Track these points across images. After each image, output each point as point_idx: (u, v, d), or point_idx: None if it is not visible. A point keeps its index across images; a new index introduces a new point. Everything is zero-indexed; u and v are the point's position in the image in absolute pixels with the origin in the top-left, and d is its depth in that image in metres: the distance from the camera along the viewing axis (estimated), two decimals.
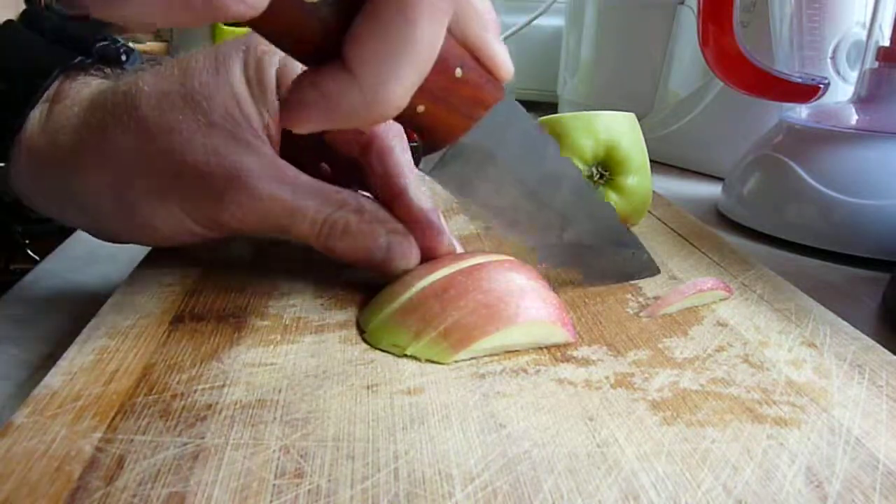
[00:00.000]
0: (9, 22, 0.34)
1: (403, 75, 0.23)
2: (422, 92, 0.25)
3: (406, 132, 0.32)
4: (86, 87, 0.34)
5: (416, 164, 0.31)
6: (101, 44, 0.36)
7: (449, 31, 0.26)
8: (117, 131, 0.31)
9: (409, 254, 0.33)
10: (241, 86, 0.32)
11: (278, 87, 0.33)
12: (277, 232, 0.33)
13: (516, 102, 0.31)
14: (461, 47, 0.28)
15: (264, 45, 0.33)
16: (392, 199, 0.34)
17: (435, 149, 0.30)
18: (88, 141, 0.32)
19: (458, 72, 0.27)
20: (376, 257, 0.33)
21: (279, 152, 0.33)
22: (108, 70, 0.36)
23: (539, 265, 0.34)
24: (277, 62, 0.33)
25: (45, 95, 0.33)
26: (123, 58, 0.37)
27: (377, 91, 0.23)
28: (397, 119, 0.27)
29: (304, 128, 0.25)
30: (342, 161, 0.36)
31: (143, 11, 0.19)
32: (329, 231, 0.32)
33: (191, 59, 0.33)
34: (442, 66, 0.26)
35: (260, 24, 0.23)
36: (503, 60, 0.29)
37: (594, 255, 0.36)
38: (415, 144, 0.32)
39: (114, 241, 0.37)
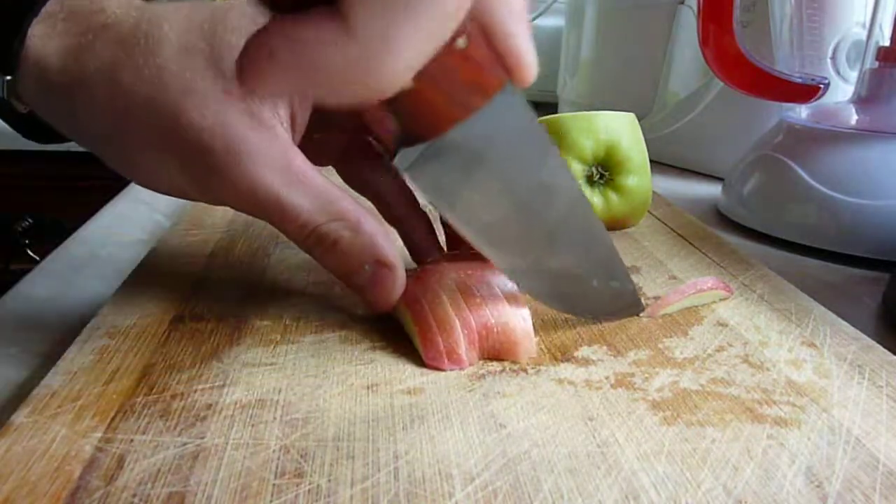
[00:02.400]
0: None
1: (417, 36, 0.18)
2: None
3: (380, 117, 0.26)
4: (100, 14, 0.30)
5: (392, 157, 0.26)
6: None
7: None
8: (130, 72, 0.29)
9: (390, 289, 0.30)
10: None
11: None
12: (268, 222, 0.30)
13: (519, 95, 0.26)
14: (469, 16, 0.22)
15: None
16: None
17: (416, 140, 0.25)
18: (97, 74, 0.29)
19: (461, 42, 0.22)
20: (356, 283, 0.30)
21: (302, 139, 0.31)
22: None
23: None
24: None
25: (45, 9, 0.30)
26: None
27: (378, 51, 0.18)
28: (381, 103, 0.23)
29: (262, 87, 0.20)
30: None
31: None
32: (316, 241, 0.29)
33: (226, 12, 0.29)
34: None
35: None
36: (527, 58, 0.24)
37: (579, 287, 0.31)
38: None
39: (122, 174, 0.33)
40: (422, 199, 0.36)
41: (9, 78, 0.30)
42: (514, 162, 0.27)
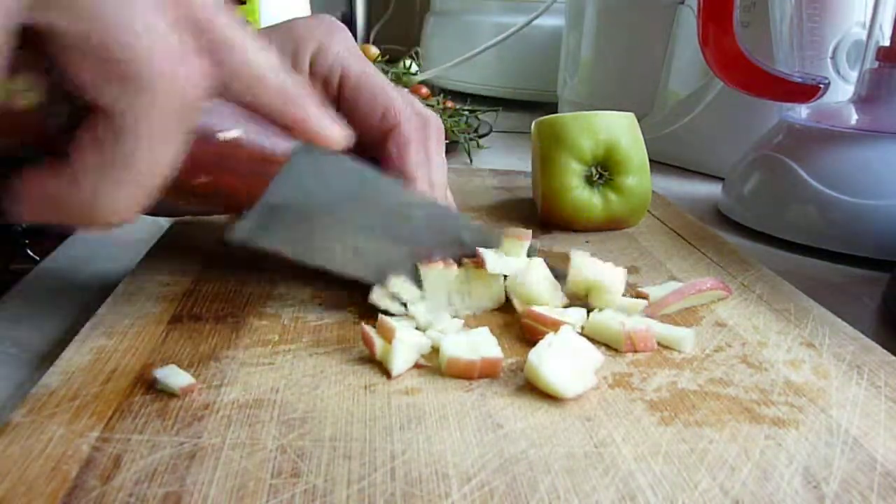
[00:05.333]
0: None
1: (125, 189, 0.23)
2: (193, 163, 0.24)
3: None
4: None
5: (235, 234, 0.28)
6: None
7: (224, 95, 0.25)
8: None
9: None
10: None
11: (312, 68, 0.34)
12: None
13: (335, 154, 0.29)
14: (233, 108, 0.26)
15: (302, 31, 0.34)
16: None
17: (240, 214, 0.28)
18: None
19: (229, 134, 0.26)
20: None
21: None
22: None
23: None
24: (313, 48, 0.34)
25: None
26: None
27: (96, 200, 0.23)
28: (179, 197, 0.26)
29: (22, 219, 0.24)
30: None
31: None
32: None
33: None
34: (206, 136, 0.25)
35: None
36: (327, 131, 0.27)
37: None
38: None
39: None
40: None
41: None
42: (352, 203, 0.30)
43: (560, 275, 0.34)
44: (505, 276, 0.34)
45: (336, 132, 0.28)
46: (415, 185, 0.35)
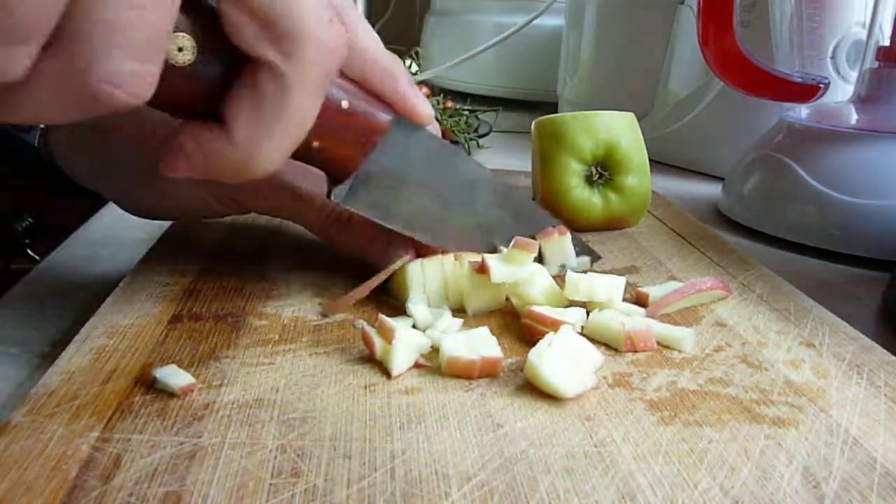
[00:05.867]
0: None
1: (277, 141, 0.25)
2: (314, 129, 0.26)
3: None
4: None
5: (328, 195, 0.31)
6: None
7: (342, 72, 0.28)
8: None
9: (402, 254, 0.34)
10: None
11: None
12: (287, 215, 0.36)
13: (421, 127, 0.32)
14: (346, 81, 0.29)
15: None
16: None
17: (340, 179, 0.31)
18: (126, 115, 0.33)
19: (345, 104, 0.29)
20: (372, 255, 0.34)
21: None
22: None
23: None
24: None
25: None
26: None
27: (250, 153, 0.25)
28: (296, 158, 0.28)
29: (176, 174, 0.26)
30: None
31: (36, 110, 0.20)
32: (333, 221, 0.35)
33: None
34: (328, 104, 0.27)
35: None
36: (421, 108, 0.31)
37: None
38: None
39: (140, 214, 0.39)
40: None
41: (42, 127, 0.34)
42: (432, 174, 0.33)
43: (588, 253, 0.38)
44: None
45: (426, 109, 0.31)
46: None
